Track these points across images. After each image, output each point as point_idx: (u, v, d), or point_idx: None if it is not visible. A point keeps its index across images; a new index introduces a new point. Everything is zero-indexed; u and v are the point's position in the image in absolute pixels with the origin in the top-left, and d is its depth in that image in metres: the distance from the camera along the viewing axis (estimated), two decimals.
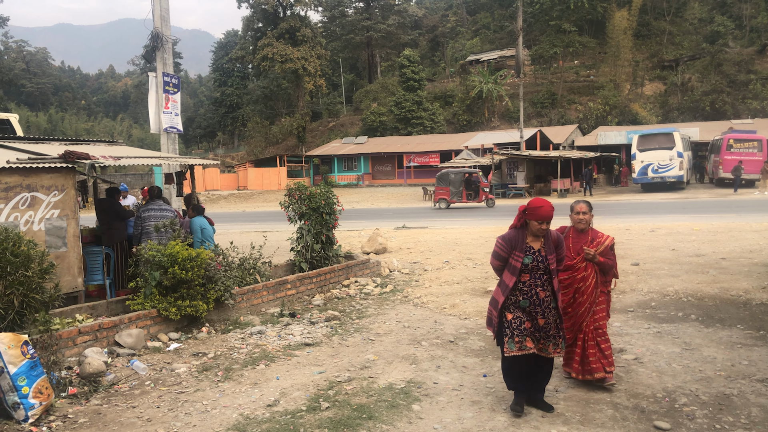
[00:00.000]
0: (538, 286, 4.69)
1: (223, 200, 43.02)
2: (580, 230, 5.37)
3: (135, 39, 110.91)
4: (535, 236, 4.71)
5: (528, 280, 4.69)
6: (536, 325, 4.71)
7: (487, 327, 5.01)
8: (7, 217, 7.00)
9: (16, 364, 4.98)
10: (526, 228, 4.73)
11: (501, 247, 4.78)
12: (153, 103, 11.89)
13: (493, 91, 52.07)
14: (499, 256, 4.82)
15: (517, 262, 4.67)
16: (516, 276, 4.67)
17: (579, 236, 5.37)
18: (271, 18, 65.18)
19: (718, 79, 48.01)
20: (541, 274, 4.70)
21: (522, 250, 4.69)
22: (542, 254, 4.69)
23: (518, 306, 4.71)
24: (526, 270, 4.67)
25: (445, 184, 29.00)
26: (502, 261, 4.82)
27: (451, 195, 28.70)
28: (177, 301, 7.29)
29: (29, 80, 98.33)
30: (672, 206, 23.74)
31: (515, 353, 4.66)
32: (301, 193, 10.27)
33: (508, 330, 4.70)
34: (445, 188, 28.93)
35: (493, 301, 4.89)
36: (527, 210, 4.67)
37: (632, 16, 52.30)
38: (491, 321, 4.92)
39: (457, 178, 28.81)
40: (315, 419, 4.81)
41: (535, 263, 4.67)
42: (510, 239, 4.74)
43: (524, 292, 4.70)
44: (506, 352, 4.69)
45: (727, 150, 31.05)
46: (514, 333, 4.67)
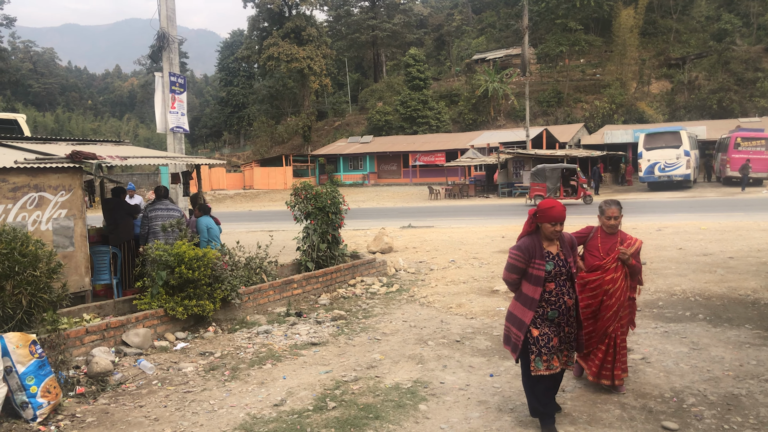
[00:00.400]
0: (564, 294, 4.37)
1: (229, 200, 43.12)
2: (610, 234, 5.20)
3: (141, 39, 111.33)
4: (550, 240, 4.41)
5: (554, 288, 4.35)
6: (562, 337, 4.43)
7: (504, 346, 4.60)
8: (15, 216, 7.04)
9: (25, 364, 5.00)
10: (539, 233, 4.45)
11: (518, 258, 4.41)
12: (159, 103, 11.93)
13: (498, 90, 51.97)
14: (516, 268, 4.44)
15: (539, 270, 4.32)
16: (540, 286, 4.31)
17: (608, 237, 5.21)
18: (277, 17, 65.26)
19: (725, 77, 47.77)
20: (565, 281, 4.39)
21: (541, 256, 4.36)
22: (562, 258, 4.40)
23: (546, 319, 4.34)
24: (550, 278, 4.33)
25: (541, 180, 27.52)
26: (519, 273, 4.45)
27: (548, 191, 27.13)
28: (184, 301, 7.31)
29: (36, 80, 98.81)
30: (679, 205, 23.64)
31: (543, 372, 4.35)
32: (306, 192, 10.28)
33: (534, 347, 4.35)
34: (541, 184, 27.41)
35: (514, 319, 4.48)
36: (538, 213, 4.39)
37: (639, 14, 52.05)
38: (509, 339, 4.52)
39: (554, 173, 27.41)
40: (322, 419, 4.82)
41: (558, 269, 4.36)
42: (527, 247, 4.39)
43: (552, 303, 4.36)
44: (533, 371, 4.36)
45: (735, 148, 30.87)
46: (541, 351, 4.34)
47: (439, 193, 37.10)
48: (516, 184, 35.77)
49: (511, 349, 4.48)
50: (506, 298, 8.85)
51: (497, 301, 8.63)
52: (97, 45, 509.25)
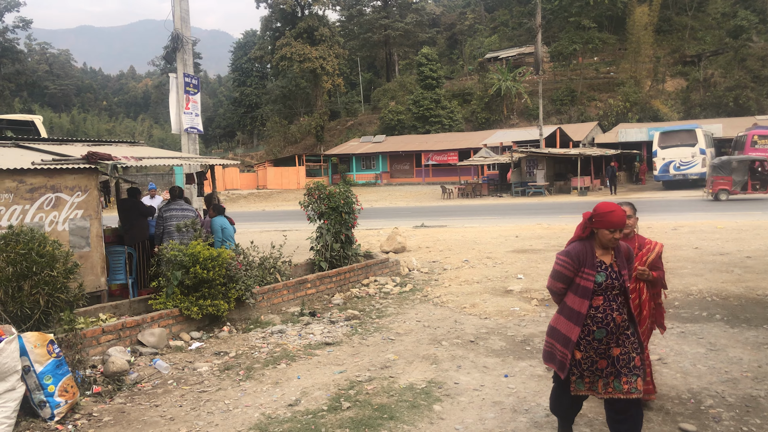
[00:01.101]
0: (614, 310, 3.86)
1: (242, 200, 43.32)
2: (625, 236, 4.72)
3: (155, 40, 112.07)
4: (605, 248, 3.95)
5: (602, 303, 3.86)
6: (610, 359, 3.91)
7: (545, 362, 4.14)
8: (33, 217, 7.11)
9: (42, 363, 5.05)
10: (593, 239, 3.97)
11: (566, 265, 3.93)
12: (174, 104, 12.01)
13: (511, 89, 51.76)
14: (563, 276, 3.96)
15: (588, 281, 3.84)
16: (588, 298, 3.84)
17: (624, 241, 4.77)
18: (290, 18, 65.42)
19: (741, 74, 47.23)
20: (616, 295, 3.90)
21: (592, 266, 3.87)
22: (615, 269, 3.91)
23: (594, 339, 3.87)
24: (599, 291, 3.85)
25: (726, 173, 25.39)
26: (565, 282, 3.97)
27: (734, 185, 25.08)
28: (198, 301, 7.35)
29: (52, 82, 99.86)
30: (694, 204, 23.41)
31: (582, 393, 3.98)
32: (320, 192, 10.30)
33: (576, 369, 3.94)
34: (726, 177, 25.30)
35: (558, 335, 3.99)
36: (594, 217, 3.89)
37: (653, 11, 51.61)
38: (553, 357, 4.03)
39: (741, 166, 25.37)
40: (336, 419, 4.82)
41: (609, 281, 3.86)
42: (577, 254, 3.90)
43: (598, 320, 3.85)
44: (573, 390, 3.98)
45: (752, 146, 30.51)
46: (584, 373, 3.93)
47: (452, 192, 37.02)
48: (529, 183, 35.61)
49: (557, 367, 3.99)
50: (520, 298, 8.81)
51: (511, 301, 8.59)
52: (112, 46, 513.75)
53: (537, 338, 6.81)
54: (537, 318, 7.72)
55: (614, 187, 33.02)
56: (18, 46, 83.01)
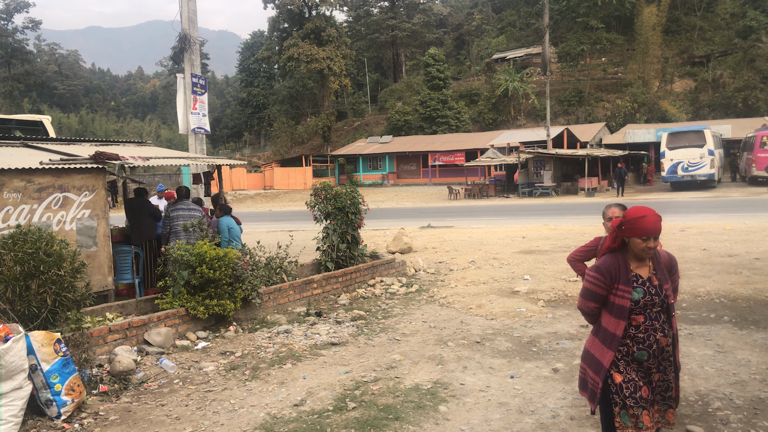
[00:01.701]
0: (657, 331, 3.39)
1: (249, 200, 43.41)
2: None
3: (163, 40, 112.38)
4: (640, 259, 3.47)
5: (643, 322, 3.41)
6: (653, 386, 3.47)
7: (581, 392, 3.69)
8: (41, 217, 7.15)
9: (49, 362, 5.08)
10: (626, 250, 3.50)
11: (597, 282, 3.48)
12: (181, 104, 12.06)
13: (519, 89, 51.64)
14: (594, 295, 3.51)
15: (624, 299, 3.40)
16: (625, 319, 3.39)
17: None
18: (297, 18, 65.56)
19: (750, 75, 46.91)
20: (658, 313, 3.43)
21: (627, 281, 3.42)
22: (655, 284, 3.44)
23: (633, 360, 3.41)
24: (638, 309, 3.40)
25: None
26: (598, 301, 3.52)
27: None
28: (205, 300, 7.36)
29: (61, 82, 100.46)
30: (703, 205, 23.28)
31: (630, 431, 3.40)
32: (326, 192, 10.30)
33: (617, 398, 3.40)
34: None
35: (591, 360, 3.55)
36: (624, 224, 3.44)
37: (662, 11, 51.36)
38: (585, 384, 3.60)
39: None
40: (342, 419, 4.82)
41: (648, 298, 3.40)
42: (608, 269, 3.46)
43: (639, 340, 3.40)
44: (618, 427, 3.43)
45: (761, 147, 30.32)
46: (626, 403, 3.38)
47: (459, 193, 36.97)
48: (536, 184, 35.51)
49: (588, 396, 3.56)
50: (527, 299, 8.78)
51: (517, 302, 8.56)
52: (120, 47, 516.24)
53: (543, 339, 6.79)
54: (543, 319, 7.69)
55: (622, 188, 32.53)
56: (27, 46, 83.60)
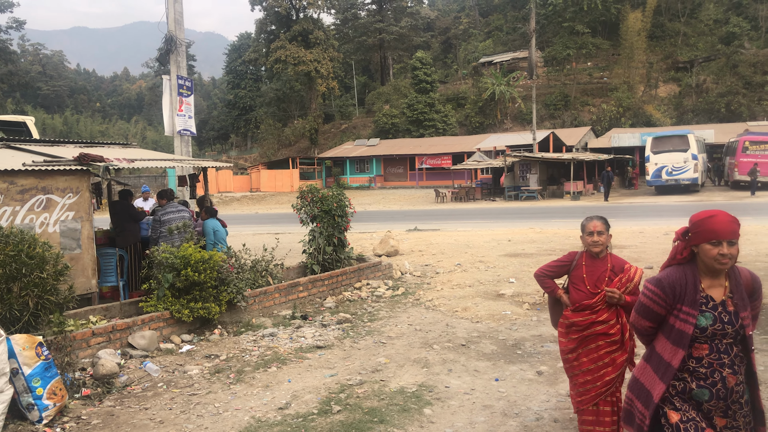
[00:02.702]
0: (725, 367, 2.75)
1: (235, 202, 43.21)
2: (595, 255, 4.10)
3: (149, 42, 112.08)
4: (714, 274, 2.82)
5: (707, 354, 2.77)
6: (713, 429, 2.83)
7: (625, 425, 3.11)
8: (23, 219, 7.08)
9: (31, 366, 5.03)
10: (695, 263, 2.86)
11: (655, 299, 2.88)
12: (167, 106, 11.99)
13: (505, 93, 51.92)
14: (650, 312, 2.92)
15: (686, 324, 2.78)
16: (684, 348, 2.78)
17: (595, 264, 4.12)
18: (284, 20, 65.44)
19: (733, 80, 47.53)
20: (729, 345, 2.78)
21: (694, 303, 2.79)
22: (729, 310, 2.78)
23: (691, 398, 2.79)
24: (703, 338, 2.77)
25: None
26: (654, 320, 2.94)
27: None
28: (190, 303, 7.33)
29: (45, 83, 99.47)
30: (686, 209, 23.50)
31: None
32: (313, 195, 10.29)
33: None
34: None
35: (639, 389, 2.96)
36: (692, 229, 2.83)
37: (646, 17, 51.91)
38: (631, 417, 3.01)
39: None
40: (326, 422, 4.81)
41: (719, 326, 2.75)
42: (672, 284, 2.84)
43: (700, 376, 2.78)
44: None
45: (743, 152, 30.73)
46: None
47: (446, 196, 37.07)
48: (522, 187, 35.70)
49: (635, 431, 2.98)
50: (512, 301, 8.82)
51: (503, 305, 8.60)
52: (106, 48, 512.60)
53: (528, 342, 6.83)
54: (528, 322, 7.73)
55: (607, 192, 32.04)
56: (11, 46, 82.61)
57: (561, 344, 4.26)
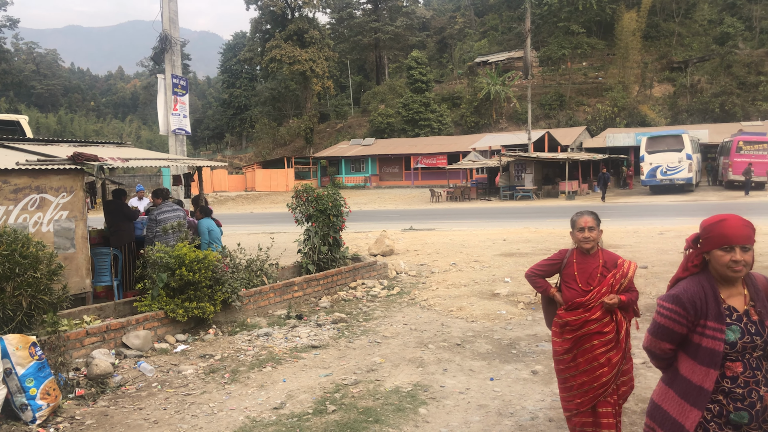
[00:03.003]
0: (761, 384, 2.52)
1: (230, 201, 43.13)
2: (586, 251, 4.04)
3: (144, 41, 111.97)
4: (729, 283, 2.61)
5: (741, 373, 2.53)
6: None
7: None
8: (17, 218, 7.04)
9: (24, 366, 5.00)
10: (708, 273, 2.65)
11: (675, 317, 2.61)
12: (162, 105, 11.95)
13: (500, 93, 52.01)
14: (671, 334, 2.64)
15: (715, 340, 2.54)
16: (717, 368, 2.53)
17: (586, 260, 4.04)
18: (279, 20, 65.38)
19: (727, 80, 47.76)
20: (760, 359, 2.56)
21: (719, 316, 2.57)
22: (754, 319, 2.57)
23: (728, 422, 2.54)
24: (734, 354, 2.53)
25: None
26: (674, 342, 2.66)
27: None
28: (184, 303, 7.31)
29: (39, 82, 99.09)
30: (681, 209, 23.60)
31: None
32: (308, 194, 10.28)
33: None
34: None
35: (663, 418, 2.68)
36: (702, 235, 2.65)
37: (641, 17, 52.11)
38: None
39: None
40: (321, 422, 4.81)
41: (748, 338, 2.53)
42: (692, 299, 2.60)
43: (737, 397, 2.53)
44: None
45: (737, 152, 30.87)
46: None
47: (441, 195, 37.09)
48: (517, 187, 35.75)
49: None
50: (507, 301, 8.82)
51: (498, 305, 8.61)
52: (100, 47, 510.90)
53: (523, 342, 6.84)
54: (523, 321, 7.74)
55: (604, 193, 31.37)
56: (5, 45, 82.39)
57: (555, 344, 4.14)
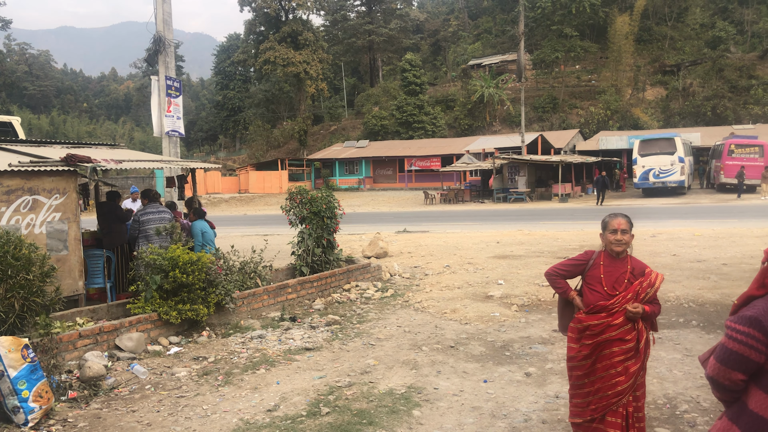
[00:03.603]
0: None
1: (224, 203, 43.04)
2: (615, 254, 3.90)
3: (138, 42, 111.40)
4: None
5: None
6: None
7: None
8: (9, 220, 7.01)
9: (17, 368, 4.98)
10: None
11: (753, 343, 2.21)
12: (155, 107, 11.93)
13: (494, 96, 52.13)
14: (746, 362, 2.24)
15: None
16: None
17: (614, 263, 3.91)
18: (273, 22, 65.30)
19: (719, 84, 48.03)
20: None
21: None
22: None
23: None
24: None
25: None
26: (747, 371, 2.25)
27: None
28: (178, 305, 7.29)
29: (31, 83, 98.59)
30: (673, 211, 23.72)
31: None
32: (302, 196, 10.28)
33: None
34: None
35: None
36: None
37: (634, 21, 52.36)
38: None
39: None
40: (315, 424, 4.81)
41: None
42: None
43: None
44: None
45: (729, 155, 31.08)
46: None
47: (435, 198, 37.13)
48: (511, 189, 35.84)
49: None
50: (501, 303, 8.84)
51: (492, 307, 8.63)
52: (94, 48, 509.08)
53: (516, 344, 6.85)
54: (517, 323, 7.76)
55: (602, 197, 30.05)
56: None
57: (571, 350, 3.96)
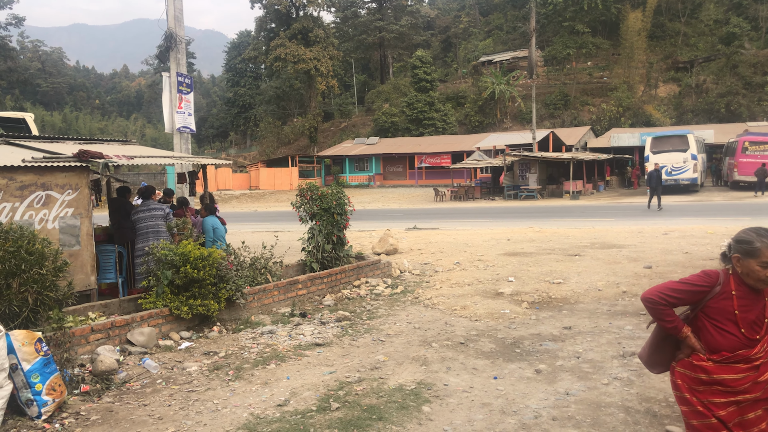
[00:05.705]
0: None
1: (235, 200, 43.20)
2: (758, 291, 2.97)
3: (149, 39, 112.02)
4: None
5: None
6: None
7: None
8: (22, 215, 7.07)
9: (30, 361, 5.03)
10: None
11: None
12: (167, 103, 12.00)
13: (505, 92, 51.93)
14: None
15: None
16: None
17: (750, 297, 2.99)
18: (284, 18, 65.42)
19: (733, 80, 47.56)
20: None
21: None
22: None
23: None
24: None
25: None
26: None
27: None
28: (188, 300, 7.33)
29: (44, 80, 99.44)
30: (685, 209, 23.54)
31: None
32: (312, 193, 10.29)
33: None
34: None
35: None
36: None
37: (646, 17, 51.96)
38: None
39: None
40: (325, 419, 4.82)
41: None
42: None
43: None
44: None
45: (743, 152, 30.76)
46: None
47: (445, 195, 37.07)
48: (522, 186, 35.70)
49: None
50: (511, 300, 8.82)
51: (502, 304, 8.61)
52: (105, 45, 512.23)
53: (526, 341, 6.83)
54: (527, 321, 7.74)
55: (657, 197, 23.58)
56: (10, 43, 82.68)
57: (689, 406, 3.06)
